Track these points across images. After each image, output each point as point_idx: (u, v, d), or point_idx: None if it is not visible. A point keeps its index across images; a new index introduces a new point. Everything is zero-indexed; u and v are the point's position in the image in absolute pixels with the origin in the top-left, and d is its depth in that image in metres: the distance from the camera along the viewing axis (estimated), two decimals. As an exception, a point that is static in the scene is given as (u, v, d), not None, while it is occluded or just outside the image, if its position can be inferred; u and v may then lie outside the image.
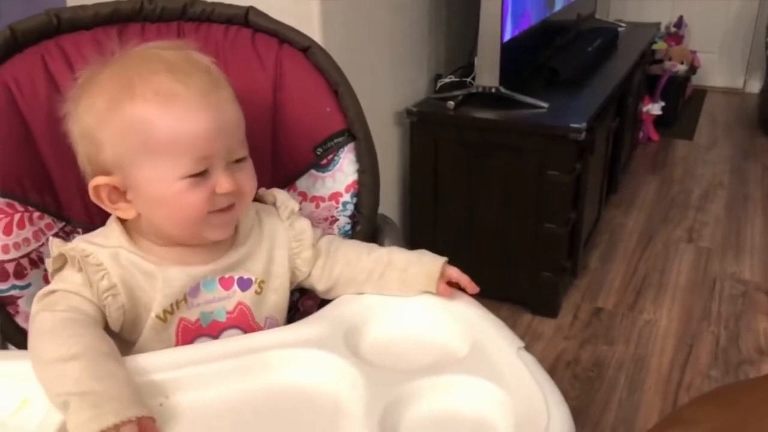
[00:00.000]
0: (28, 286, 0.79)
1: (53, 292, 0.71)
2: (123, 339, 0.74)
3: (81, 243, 0.74)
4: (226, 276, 0.77)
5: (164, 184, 0.71)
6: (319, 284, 0.83)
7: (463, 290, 0.79)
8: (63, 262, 0.73)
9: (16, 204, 0.79)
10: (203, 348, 0.72)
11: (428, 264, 0.79)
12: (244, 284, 0.78)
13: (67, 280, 0.72)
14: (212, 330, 0.77)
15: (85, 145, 0.73)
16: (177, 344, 0.76)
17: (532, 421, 0.59)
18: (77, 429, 0.59)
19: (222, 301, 0.77)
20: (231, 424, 0.64)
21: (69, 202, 0.81)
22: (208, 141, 0.70)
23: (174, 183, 0.71)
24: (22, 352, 0.70)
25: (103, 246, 0.74)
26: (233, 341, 0.74)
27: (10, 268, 0.78)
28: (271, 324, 0.80)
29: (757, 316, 2.05)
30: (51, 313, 0.69)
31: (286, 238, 0.81)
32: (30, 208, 0.80)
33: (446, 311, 0.77)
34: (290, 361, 0.71)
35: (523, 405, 0.61)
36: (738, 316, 2.04)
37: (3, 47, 0.81)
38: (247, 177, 0.75)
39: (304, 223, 0.82)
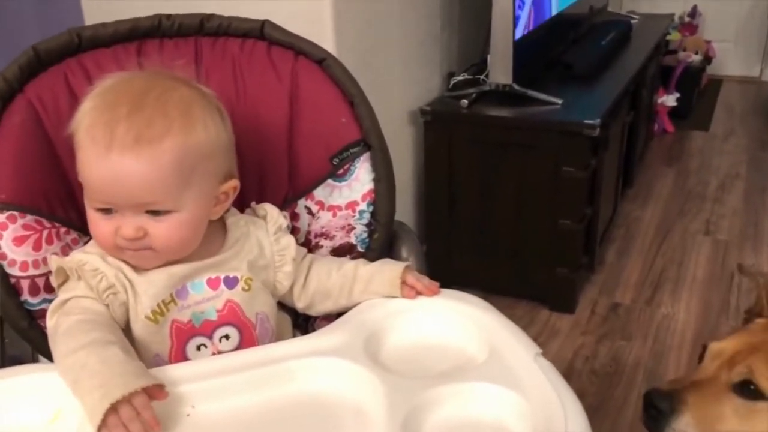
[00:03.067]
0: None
1: (65, 301, 0.76)
2: (129, 339, 0.77)
3: (77, 254, 0.79)
4: (213, 276, 0.80)
5: (87, 208, 0.77)
6: (299, 302, 0.88)
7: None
8: (64, 275, 0.78)
9: (44, 221, 0.82)
10: (227, 358, 0.74)
11: (389, 272, 0.83)
12: (231, 282, 0.81)
13: (74, 289, 0.77)
14: (205, 329, 0.80)
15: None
16: (172, 346, 0.79)
17: (549, 426, 0.61)
18: (92, 410, 0.64)
19: (211, 301, 0.80)
20: (257, 430, 0.66)
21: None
22: (102, 191, 0.74)
23: (90, 210, 0.77)
24: (53, 365, 0.72)
25: (94, 252, 0.78)
26: (256, 351, 0.76)
27: (41, 282, 0.82)
28: (262, 319, 0.83)
29: (776, 309, 2.04)
30: (66, 317, 0.74)
31: (270, 251, 0.84)
32: (56, 224, 0.83)
33: (464, 317, 0.78)
34: (312, 370, 0.72)
35: (541, 412, 0.63)
36: None
37: (27, 67, 0.84)
38: (164, 231, 0.75)
39: (288, 240, 0.85)
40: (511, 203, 2.01)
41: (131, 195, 0.73)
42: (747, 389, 0.84)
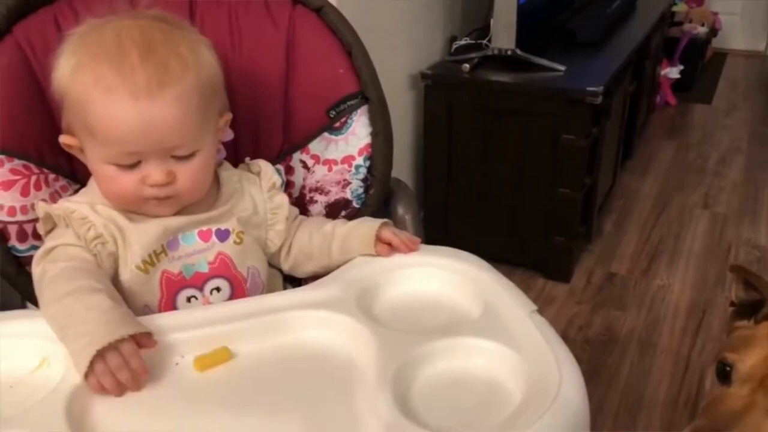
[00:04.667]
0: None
1: (52, 248, 0.75)
2: (118, 289, 0.75)
3: (64, 202, 0.77)
4: (204, 228, 0.79)
5: (97, 164, 0.74)
6: (285, 264, 0.87)
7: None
8: (52, 222, 0.76)
9: (33, 166, 0.80)
10: (217, 308, 0.73)
11: (364, 230, 0.81)
12: (222, 235, 0.80)
13: (62, 236, 0.75)
14: (196, 281, 0.79)
15: (56, 96, 0.75)
16: (162, 296, 0.78)
17: (544, 382, 0.60)
18: (78, 357, 0.63)
19: (202, 253, 0.79)
20: (245, 383, 0.65)
21: (82, 165, 0.82)
22: (132, 141, 0.71)
23: (104, 165, 0.73)
24: (40, 311, 0.71)
25: (83, 202, 0.77)
26: (248, 302, 0.75)
27: (29, 229, 0.80)
28: (253, 274, 0.82)
29: (772, 282, 2.04)
30: (53, 264, 0.73)
31: (264, 209, 0.83)
32: (45, 170, 0.81)
33: (459, 274, 0.77)
34: (305, 322, 0.71)
35: (535, 367, 0.62)
36: None
37: (15, 8, 0.81)
38: (190, 173, 0.75)
39: (282, 198, 0.84)
40: (510, 170, 1.99)
41: (163, 140, 0.71)
42: None
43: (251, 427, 0.61)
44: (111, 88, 0.69)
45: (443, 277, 0.78)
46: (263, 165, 0.85)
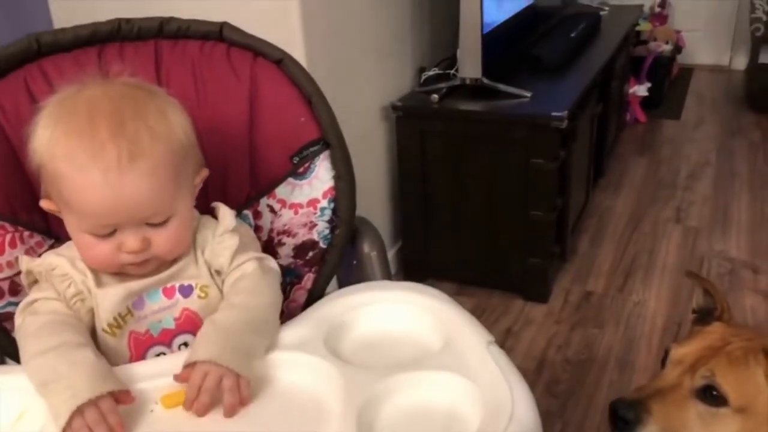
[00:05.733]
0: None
1: (34, 301, 0.77)
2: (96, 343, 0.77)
3: (49, 256, 0.80)
4: (168, 285, 0.80)
5: (74, 232, 0.76)
6: None
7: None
8: (34, 276, 0.79)
9: (7, 225, 0.83)
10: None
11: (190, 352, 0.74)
12: (186, 291, 0.81)
13: (44, 290, 0.78)
14: (163, 338, 0.80)
15: (34, 165, 0.76)
16: (131, 356, 0.79)
17: (498, 411, 0.63)
18: (57, 412, 0.65)
19: (168, 310, 0.80)
20: (217, 425, 0.68)
21: (56, 220, 0.85)
22: (105, 214, 0.73)
23: (81, 234, 0.75)
24: (19, 366, 0.74)
25: (68, 256, 0.79)
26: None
27: (5, 286, 0.83)
28: None
29: (743, 292, 2.09)
30: (34, 317, 0.76)
31: (209, 252, 0.82)
32: (20, 228, 0.84)
33: (422, 308, 0.81)
34: (273, 364, 0.75)
35: (490, 397, 0.65)
36: (725, 294, 2.07)
37: (-15, 71, 0.85)
38: (166, 238, 0.76)
39: (230, 243, 0.82)
40: (483, 196, 2.04)
41: (134, 212, 0.73)
42: (710, 395, 0.85)
43: (224, 469, 0.64)
44: (83, 166, 0.70)
45: (406, 312, 0.81)
46: (221, 209, 0.85)
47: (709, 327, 0.94)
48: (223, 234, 0.82)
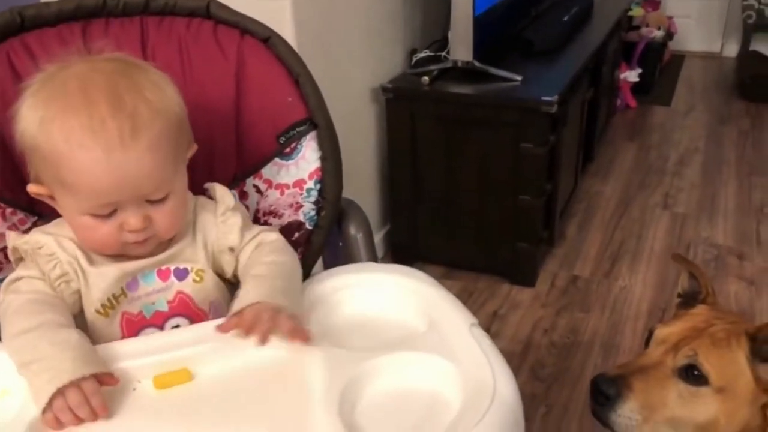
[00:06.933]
0: (5, 279, 0.82)
1: (19, 278, 0.76)
2: (82, 326, 0.77)
3: (36, 234, 0.78)
4: (163, 268, 0.80)
5: (72, 215, 0.75)
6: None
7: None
8: (20, 254, 0.78)
9: (-11, 201, 0.82)
10: (172, 335, 0.76)
11: (247, 296, 0.75)
12: (181, 274, 0.80)
13: (29, 269, 0.77)
14: (156, 320, 0.80)
15: (22, 148, 0.75)
16: (123, 337, 0.78)
17: (480, 392, 0.64)
18: (38, 392, 0.65)
19: (162, 292, 0.80)
20: (201, 404, 0.68)
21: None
22: (108, 193, 0.71)
23: (80, 216, 0.74)
24: (0, 344, 0.73)
25: (56, 234, 0.78)
26: (203, 326, 0.77)
27: (-14, 261, 0.82)
28: (216, 309, 0.83)
29: (728, 279, 2.11)
30: (16, 295, 0.75)
31: (216, 233, 0.82)
32: (2, 205, 0.83)
33: (407, 291, 0.81)
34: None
35: (472, 378, 0.66)
36: (710, 280, 2.09)
37: (-34, 46, 0.83)
38: (166, 214, 0.76)
39: (235, 220, 0.82)
40: (473, 179, 2.04)
41: (138, 189, 0.72)
42: (691, 374, 0.86)
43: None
44: (83, 144, 0.69)
45: (392, 294, 0.81)
46: (218, 189, 0.85)
47: (694, 309, 0.95)
48: (226, 212, 0.82)
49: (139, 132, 0.70)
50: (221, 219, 0.83)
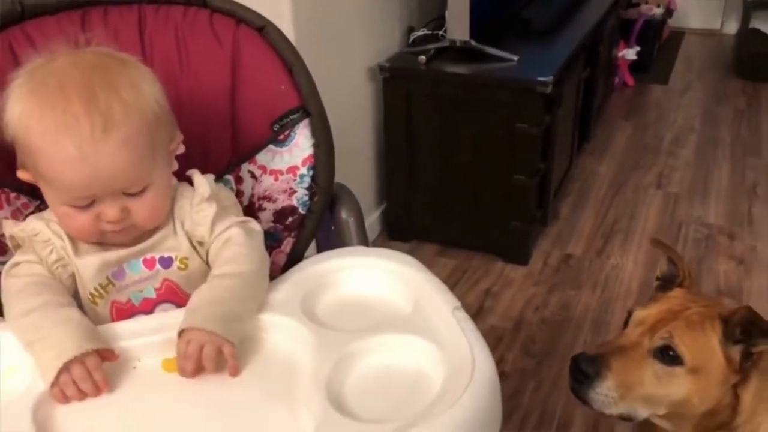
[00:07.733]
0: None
1: (18, 263, 0.80)
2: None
3: (33, 220, 0.81)
4: (148, 256, 0.82)
5: (53, 203, 0.78)
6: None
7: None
8: (17, 241, 0.82)
9: (-7, 186, 0.85)
10: (170, 316, 0.79)
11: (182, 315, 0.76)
12: (165, 262, 0.83)
13: (28, 254, 0.81)
14: (145, 306, 0.83)
15: (8, 139, 0.76)
16: None
17: (460, 371, 0.68)
18: (45, 368, 0.69)
19: (149, 281, 0.82)
20: (197, 382, 0.72)
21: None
22: (82, 187, 0.74)
23: (59, 206, 0.77)
24: (7, 323, 0.77)
25: (48, 220, 0.81)
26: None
27: (-8, 245, 0.85)
28: None
29: (718, 259, 2.14)
30: (17, 278, 0.79)
31: (191, 221, 0.83)
32: (6, 190, 0.86)
33: (394, 274, 0.85)
34: (253, 324, 0.78)
35: (453, 359, 0.69)
36: (701, 259, 2.13)
37: (-31, 35, 0.86)
38: (144, 207, 0.78)
39: (208, 212, 0.83)
40: (468, 159, 2.07)
41: (111, 184, 0.74)
42: (666, 355, 0.89)
43: (202, 423, 0.68)
44: (56, 140, 0.71)
45: (380, 278, 0.85)
46: (196, 177, 0.85)
47: (671, 292, 0.99)
48: (201, 203, 0.83)
49: (110, 129, 0.72)
50: (196, 209, 0.84)
